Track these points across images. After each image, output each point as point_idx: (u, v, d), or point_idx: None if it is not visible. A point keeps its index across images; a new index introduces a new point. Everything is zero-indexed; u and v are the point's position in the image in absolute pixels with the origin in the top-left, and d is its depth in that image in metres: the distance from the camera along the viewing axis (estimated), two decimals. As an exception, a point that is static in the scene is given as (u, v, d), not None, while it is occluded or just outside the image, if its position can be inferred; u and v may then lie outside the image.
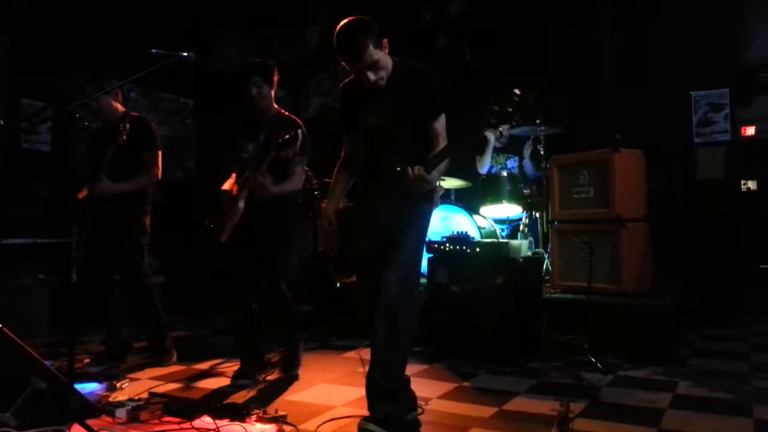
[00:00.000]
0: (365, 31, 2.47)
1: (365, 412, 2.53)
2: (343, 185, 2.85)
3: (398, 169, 2.44)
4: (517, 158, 5.67)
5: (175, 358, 3.90)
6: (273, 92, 3.54)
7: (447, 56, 6.13)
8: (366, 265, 2.60)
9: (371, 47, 2.47)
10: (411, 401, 2.73)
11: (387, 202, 2.54)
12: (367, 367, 2.57)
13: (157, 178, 3.92)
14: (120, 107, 3.94)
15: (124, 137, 3.58)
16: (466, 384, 3.37)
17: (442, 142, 2.58)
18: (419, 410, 2.77)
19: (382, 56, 2.54)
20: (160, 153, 3.94)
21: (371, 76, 2.53)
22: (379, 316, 2.46)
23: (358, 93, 2.69)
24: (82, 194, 3.66)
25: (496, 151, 5.76)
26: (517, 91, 2.34)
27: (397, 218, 2.55)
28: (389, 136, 2.59)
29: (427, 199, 2.66)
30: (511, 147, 5.73)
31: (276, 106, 3.59)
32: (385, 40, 2.55)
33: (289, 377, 3.49)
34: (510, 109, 2.33)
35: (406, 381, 2.73)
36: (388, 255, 2.51)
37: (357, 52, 2.46)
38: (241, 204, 3.29)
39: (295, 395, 3.18)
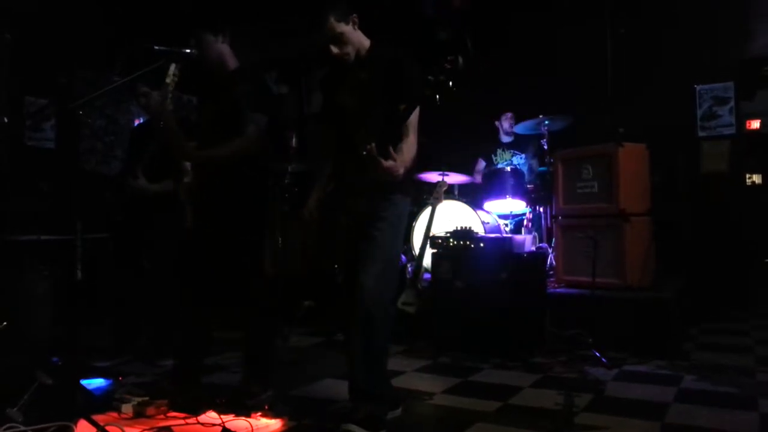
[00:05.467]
0: (328, 3, 2.50)
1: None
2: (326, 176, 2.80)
3: (363, 153, 2.29)
4: (524, 155, 5.67)
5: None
6: (220, 44, 3.00)
7: (449, 50, 6.12)
8: (344, 256, 2.58)
9: (333, 19, 2.48)
10: (392, 399, 2.71)
11: (359, 189, 2.49)
12: None
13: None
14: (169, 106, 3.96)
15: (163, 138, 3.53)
16: (470, 379, 3.38)
17: (412, 134, 2.51)
18: (399, 410, 2.74)
19: (349, 31, 2.53)
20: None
21: (334, 49, 2.53)
22: (355, 316, 2.44)
23: (334, 77, 2.69)
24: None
25: (503, 147, 5.76)
26: (448, 58, 2.30)
27: (370, 211, 2.51)
28: (359, 116, 2.53)
29: (401, 190, 2.60)
30: (517, 144, 5.73)
31: (231, 63, 3.04)
32: (354, 16, 2.54)
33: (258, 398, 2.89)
34: (443, 77, 2.26)
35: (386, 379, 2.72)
36: (362, 252, 2.48)
37: (318, 23, 2.49)
38: (186, 179, 2.98)
39: (300, 390, 3.18)
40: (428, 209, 4.61)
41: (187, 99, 7.18)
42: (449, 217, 4.93)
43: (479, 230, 4.68)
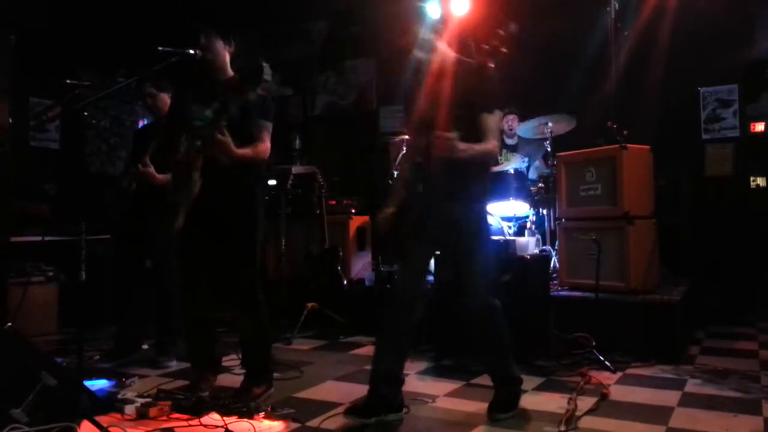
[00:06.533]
0: (414, 14, 2.74)
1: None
2: (402, 187, 2.89)
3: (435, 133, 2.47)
4: (526, 159, 5.65)
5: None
6: (227, 52, 3.08)
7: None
8: (407, 253, 2.76)
9: (417, 27, 2.70)
10: (398, 402, 2.75)
11: (435, 197, 2.60)
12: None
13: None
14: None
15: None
16: (473, 381, 3.37)
17: (492, 138, 2.59)
18: (405, 410, 2.78)
19: (434, 39, 2.69)
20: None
21: (419, 54, 2.72)
22: (485, 328, 2.74)
23: (414, 85, 2.82)
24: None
25: (507, 148, 5.74)
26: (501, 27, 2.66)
27: (458, 227, 2.64)
28: (434, 121, 2.58)
29: (477, 199, 2.73)
30: (520, 147, 5.72)
31: (231, 71, 3.14)
32: (439, 27, 2.71)
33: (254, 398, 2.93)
34: (497, 44, 2.63)
35: (401, 382, 2.76)
36: (463, 270, 2.69)
37: (407, 27, 2.76)
38: (196, 176, 2.86)
39: (303, 392, 3.18)
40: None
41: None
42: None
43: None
